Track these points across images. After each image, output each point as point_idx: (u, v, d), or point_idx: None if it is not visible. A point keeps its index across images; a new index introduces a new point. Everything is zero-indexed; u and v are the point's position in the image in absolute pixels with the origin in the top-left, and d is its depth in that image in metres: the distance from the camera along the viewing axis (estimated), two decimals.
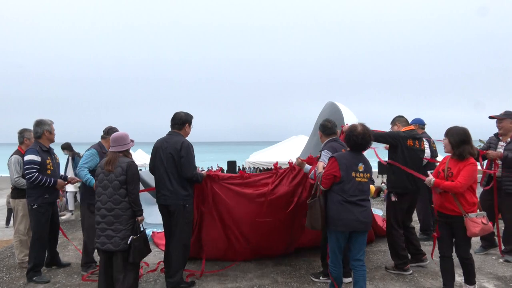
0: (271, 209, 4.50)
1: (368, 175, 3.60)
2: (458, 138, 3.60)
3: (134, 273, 3.86)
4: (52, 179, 4.55)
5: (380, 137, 4.45)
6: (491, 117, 4.96)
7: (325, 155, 3.91)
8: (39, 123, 4.67)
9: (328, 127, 4.17)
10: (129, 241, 3.71)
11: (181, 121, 4.18)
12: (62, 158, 4.94)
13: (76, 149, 8.76)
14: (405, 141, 4.42)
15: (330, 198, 3.55)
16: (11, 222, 8.04)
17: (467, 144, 3.58)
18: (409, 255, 4.65)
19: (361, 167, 3.53)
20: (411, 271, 4.50)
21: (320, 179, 3.59)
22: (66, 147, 8.50)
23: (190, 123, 4.26)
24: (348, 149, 3.70)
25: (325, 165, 3.68)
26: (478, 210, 3.58)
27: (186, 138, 4.23)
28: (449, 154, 3.74)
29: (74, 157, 8.30)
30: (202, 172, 4.54)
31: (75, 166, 7.80)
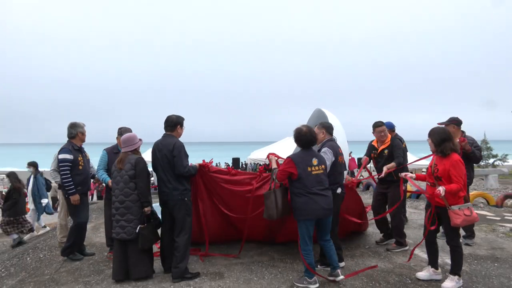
0: (252, 206, 4.47)
1: (323, 166, 3.68)
2: (439, 137, 3.59)
3: (148, 260, 3.91)
4: (74, 188, 4.56)
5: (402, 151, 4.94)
6: (438, 124, 5.08)
7: (327, 152, 4.01)
8: (73, 126, 4.74)
9: (332, 128, 4.31)
10: (137, 230, 3.79)
11: (173, 123, 4.10)
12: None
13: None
14: (403, 145, 5.12)
15: (295, 193, 3.62)
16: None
17: (448, 142, 3.55)
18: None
19: (315, 161, 3.64)
20: (408, 246, 4.90)
21: (275, 174, 3.69)
22: (33, 164, 7.75)
23: (181, 125, 4.18)
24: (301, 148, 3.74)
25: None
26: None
27: (179, 138, 4.16)
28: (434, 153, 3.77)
29: (37, 175, 7.69)
30: (195, 165, 4.47)
31: (37, 183, 7.54)
